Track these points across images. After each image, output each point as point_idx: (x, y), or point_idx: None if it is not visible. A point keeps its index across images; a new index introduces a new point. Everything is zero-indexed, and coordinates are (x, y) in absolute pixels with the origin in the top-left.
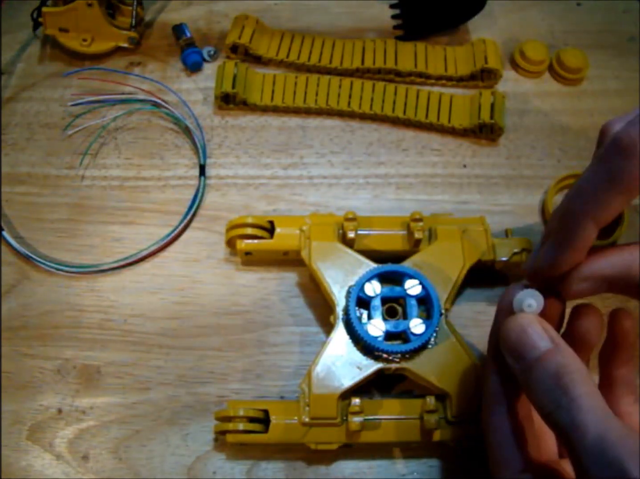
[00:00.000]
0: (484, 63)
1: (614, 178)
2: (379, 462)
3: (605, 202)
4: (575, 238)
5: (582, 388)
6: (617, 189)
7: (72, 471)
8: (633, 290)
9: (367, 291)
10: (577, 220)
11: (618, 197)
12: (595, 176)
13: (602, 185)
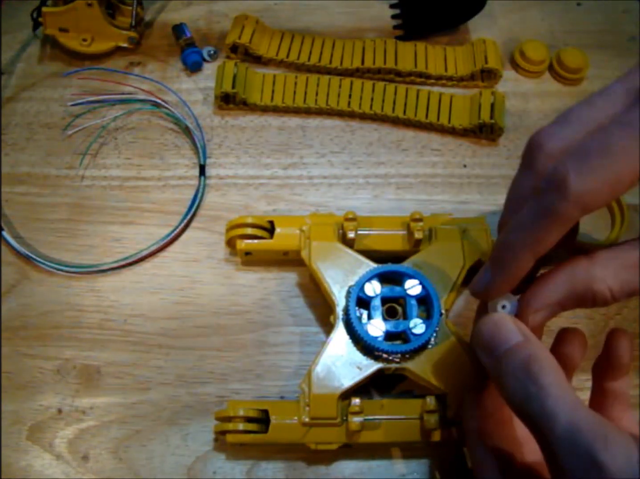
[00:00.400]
0: (484, 63)
1: (549, 215)
2: (379, 462)
3: (541, 237)
4: (512, 268)
5: (551, 376)
6: (553, 225)
7: (72, 471)
8: (587, 303)
9: (367, 291)
10: (515, 252)
11: (554, 231)
12: (531, 211)
13: (538, 221)
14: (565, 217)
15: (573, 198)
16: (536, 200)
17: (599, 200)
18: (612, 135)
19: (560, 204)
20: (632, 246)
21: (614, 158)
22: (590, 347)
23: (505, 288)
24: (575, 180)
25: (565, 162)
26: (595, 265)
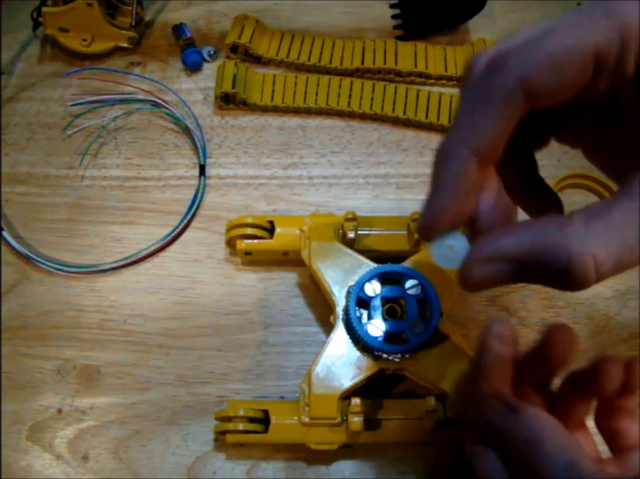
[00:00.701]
0: None
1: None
2: (379, 462)
3: (476, 125)
4: (445, 174)
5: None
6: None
7: (72, 471)
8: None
9: (367, 291)
10: (450, 152)
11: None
12: (464, 99)
13: (467, 107)
14: (504, 92)
15: (512, 70)
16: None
17: (544, 78)
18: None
19: (496, 79)
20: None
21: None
22: (590, 347)
23: (450, 212)
24: (515, 55)
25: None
26: (573, 223)
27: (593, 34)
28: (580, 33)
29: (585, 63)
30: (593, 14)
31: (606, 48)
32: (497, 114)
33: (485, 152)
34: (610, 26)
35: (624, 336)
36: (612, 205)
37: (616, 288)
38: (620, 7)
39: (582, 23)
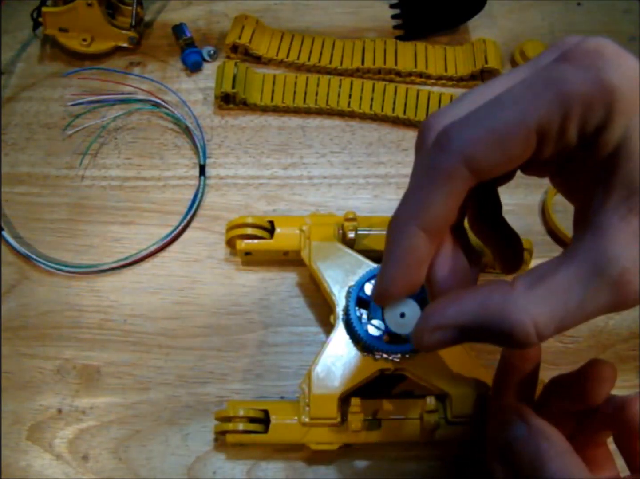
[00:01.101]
0: (484, 63)
1: (431, 173)
2: (379, 462)
3: (424, 202)
4: (396, 248)
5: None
6: (436, 184)
7: (72, 471)
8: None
9: (367, 291)
10: (400, 227)
11: (439, 192)
12: (411, 180)
13: (416, 183)
14: (448, 172)
15: (454, 149)
16: (418, 167)
17: (486, 154)
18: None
19: (440, 159)
20: (561, 263)
21: (499, 106)
22: (590, 347)
23: (400, 284)
24: (457, 132)
25: (450, 121)
26: (516, 289)
27: (535, 108)
28: (523, 108)
29: (528, 137)
30: (535, 87)
31: (548, 122)
32: (443, 191)
33: (434, 227)
34: (551, 98)
35: (624, 336)
36: (555, 269)
37: None
38: (561, 76)
39: (524, 97)
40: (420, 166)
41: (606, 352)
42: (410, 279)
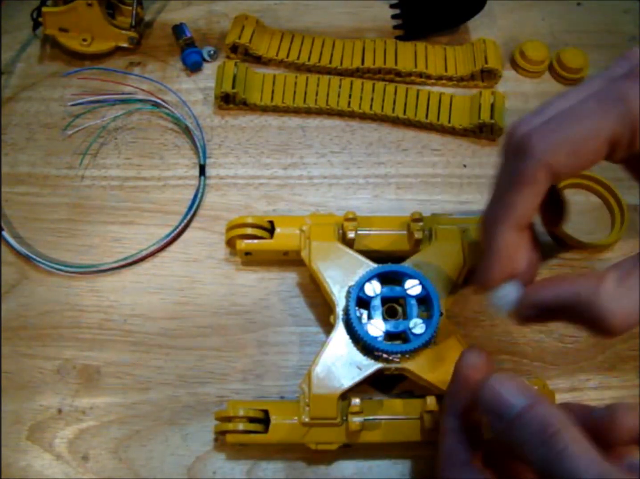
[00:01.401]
0: (484, 63)
1: (516, 179)
2: (379, 462)
3: (512, 204)
4: (495, 245)
5: (567, 437)
6: (522, 189)
7: (72, 471)
8: (588, 323)
9: (367, 291)
10: (493, 227)
11: (525, 196)
12: (498, 181)
13: (505, 189)
14: (532, 178)
15: (536, 157)
16: (504, 170)
17: (564, 161)
18: (578, 103)
19: (524, 165)
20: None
21: (575, 118)
22: (590, 347)
23: (500, 271)
24: (538, 140)
25: (531, 128)
26: (606, 281)
27: (607, 123)
28: (595, 122)
29: (600, 147)
30: (606, 103)
31: (618, 135)
32: (529, 194)
33: (522, 224)
34: (620, 115)
35: (623, 336)
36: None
37: None
38: (628, 94)
39: (596, 111)
40: (506, 171)
41: (606, 352)
42: (508, 269)
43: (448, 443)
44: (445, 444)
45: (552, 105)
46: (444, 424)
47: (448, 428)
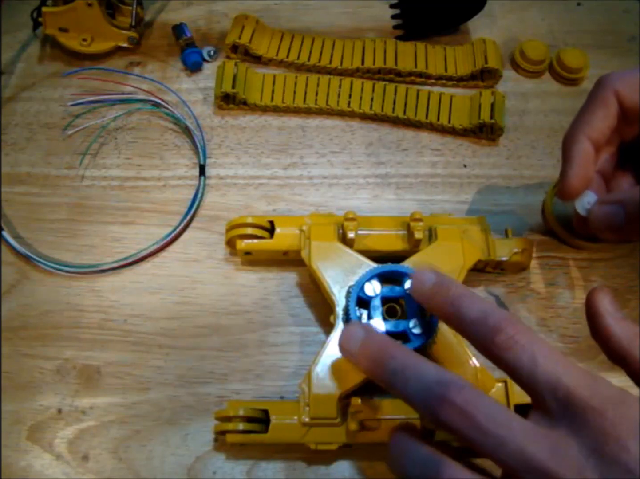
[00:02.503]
0: (484, 63)
1: (590, 101)
2: (379, 462)
3: (589, 120)
4: (574, 153)
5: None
6: (595, 107)
7: (72, 471)
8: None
9: (367, 291)
10: (572, 138)
11: (598, 112)
12: (581, 108)
13: (584, 108)
14: (604, 99)
15: (609, 84)
16: (587, 99)
17: (629, 93)
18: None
19: (600, 90)
20: None
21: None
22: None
23: (578, 179)
24: (614, 76)
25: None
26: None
27: None
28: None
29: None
30: None
31: None
32: (601, 113)
33: (596, 138)
34: None
35: None
36: None
37: (616, 288)
38: None
39: None
40: (587, 99)
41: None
42: (586, 174)
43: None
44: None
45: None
46: None
47: None
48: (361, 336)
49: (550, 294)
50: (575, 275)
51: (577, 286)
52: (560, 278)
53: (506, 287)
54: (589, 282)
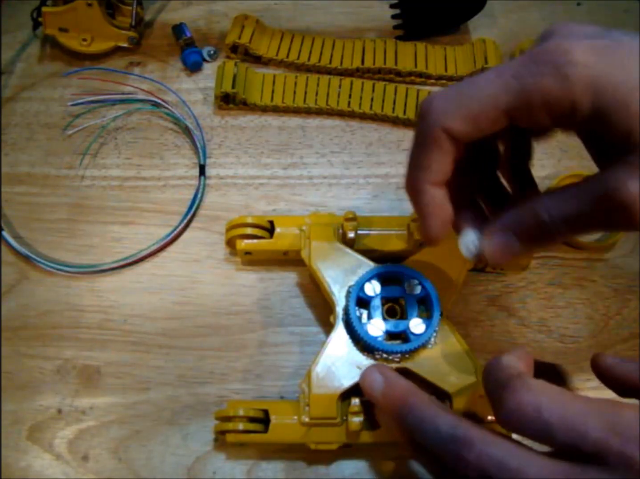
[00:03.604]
0: (484, 63)
1: (422, 143)
2: (379, 462)
3: (425, 164)
4: (422, 205)
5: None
6: (430, 148)
7: (72, 471)
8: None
9: (367, 291)
10: (415, 189)
11: (435, 154)
12: (413, 146)
13: (416, 150)
14: (433, 139)
15: (434, 120)
16: (415, 135)
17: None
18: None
19: (425, 127)
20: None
21: (473, 87)
22: (590, 347)
23: (437, 229)
24: (437, 105)
25: (434, 95)
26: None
27: (504, 96)
28: (493, 93)
29: (497, 117)
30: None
31: (516, 108)
32: (436, 153)
33: (441, 179)
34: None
35: (624, 336)
36: None
37: (616, 288)
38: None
39: (495, 84)
40: (417, 136)
41: (606, 352)
42: (444, 220)
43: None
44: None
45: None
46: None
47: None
48: (380, 385)
49: (550, 294)
50: (575, 275)
51: (577, 286)
52: (560, 278)
53: (506, 287)
54: (589, 282)
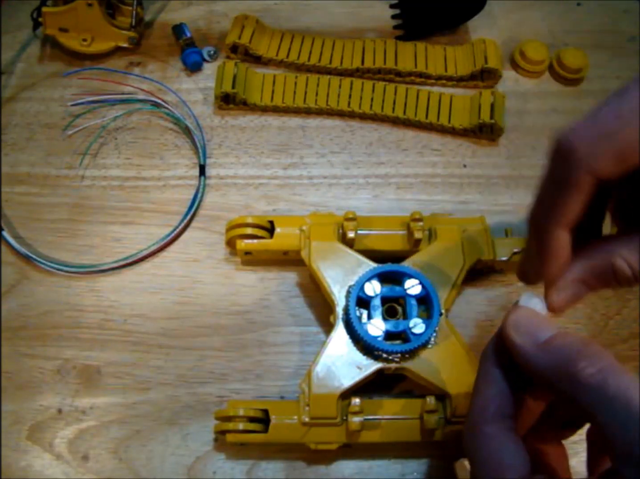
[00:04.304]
0: (484, 63)
1: (560, 184)
2: (379, 462)
3: (562, 209)
4: (552, 249)
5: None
6: (570, 194)
7: (72, 471)
8: (610, 281)
9: (367, 291)
10: (547, 232)
11: (573, 200)
12: (545, 183)
13: (551, 188)
14: (576, 182)
15: (581, 163)
16: (551, 173)
17: (608, 166)
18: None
19: (568, 171)
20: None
21: (620, 121)
22: None
23: (558, 269)
24: (583, 146)
25: (577, 133)
26: (612, 244)
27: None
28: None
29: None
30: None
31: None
32: (577, 197)
33: (572, 223)
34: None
35: (624, 336)
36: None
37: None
38: None
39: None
40: (553, 175)
41: None
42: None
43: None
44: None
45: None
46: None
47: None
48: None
49: None
50: None
51: None
52: None
53: (506, 287)
54: None
